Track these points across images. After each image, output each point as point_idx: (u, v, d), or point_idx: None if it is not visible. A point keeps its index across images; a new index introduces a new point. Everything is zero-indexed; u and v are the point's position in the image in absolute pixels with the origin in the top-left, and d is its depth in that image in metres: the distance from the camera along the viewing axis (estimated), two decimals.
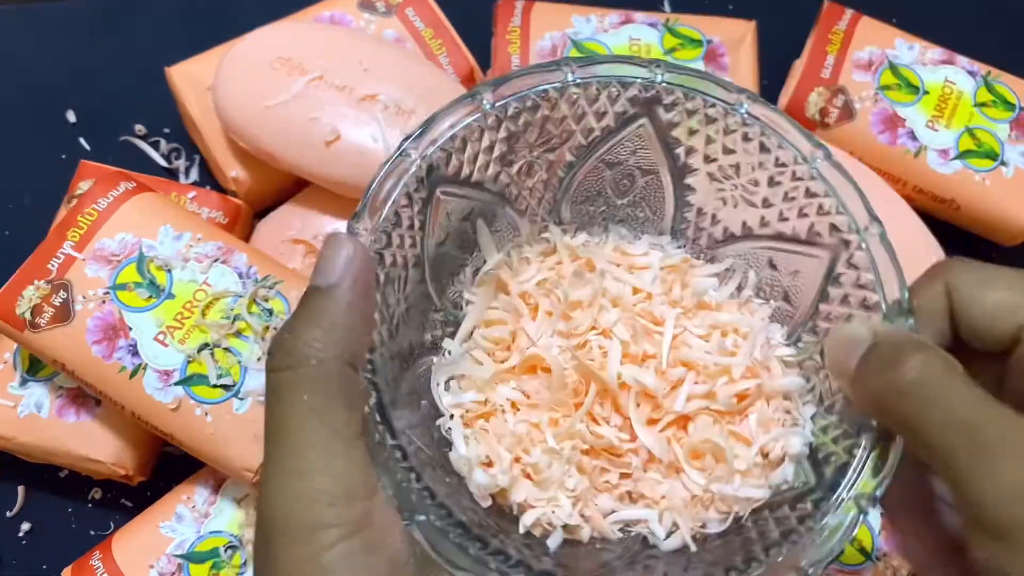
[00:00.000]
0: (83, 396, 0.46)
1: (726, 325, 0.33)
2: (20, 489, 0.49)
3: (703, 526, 0.30)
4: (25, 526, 0.48)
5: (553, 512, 0.30)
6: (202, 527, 0.45)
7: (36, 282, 0.44)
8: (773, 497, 0.30)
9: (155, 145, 0.57)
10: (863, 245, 0.29)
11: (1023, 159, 0.52)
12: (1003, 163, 0.52)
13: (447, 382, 0.33)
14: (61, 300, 0.43)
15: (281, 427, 0.25)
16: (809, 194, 0.31)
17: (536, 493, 0.30)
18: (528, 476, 0.31)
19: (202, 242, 0.45)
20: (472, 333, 0.33)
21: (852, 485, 0.27)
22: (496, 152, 0.32)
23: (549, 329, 0.32)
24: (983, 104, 0.53)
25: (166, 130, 0.57)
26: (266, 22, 0.53)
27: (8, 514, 0.49)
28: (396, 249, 0.29)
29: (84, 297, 0.43)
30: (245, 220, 0.53)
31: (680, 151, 0.33)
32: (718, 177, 0.33)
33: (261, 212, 0.54)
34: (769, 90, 0.57)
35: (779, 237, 0.32)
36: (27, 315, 0.43)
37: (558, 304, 0.32)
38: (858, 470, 0.27)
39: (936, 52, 0.55)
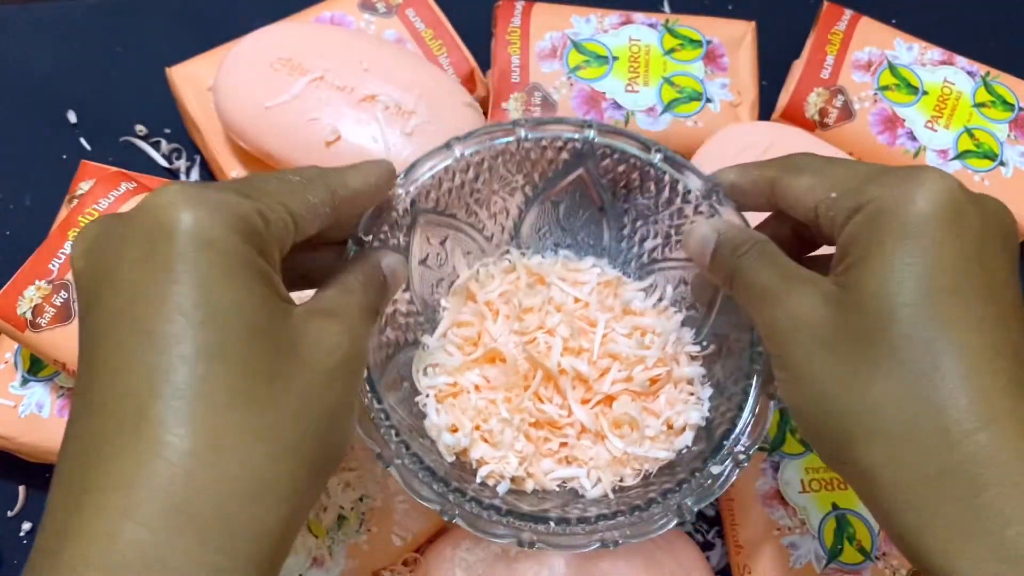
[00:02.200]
0: None
1: (646, 327, 0.42)
2: (21, 489, 0.49)
3: (621, 480, 0.40)
4: (26, 526, 0.49)
5: (504, 467, 0.39)
6: None
7: (37, 282, 0.44)
8: (676, 458, 0.40)
9: (156, 145, 0.57)
10: None
11: (1022, 159, 0.52)
12: (1002, 163, 0.52)
13: (425, 369, 0.41)
14: (62, 300, 0.43)
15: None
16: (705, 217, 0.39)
17: (491, 452, 0.39)
18: (485, 440, 0.40)
19: None
20: (446, 332, 0.42)
21: (733, 445, 0.37)
22: (467, 190, 0.40)
23: (507, 329, 0.41)
24: (982, 104, 0.53)
25: (167, 130, 0.57)
26: (266, 22, 0.53)
27: (9, 514, 0.49)
28: None
29: None
30: None
31: (611, 194, 0.42)
32: (641, 213, 0.42)
33: None
34: (769, 90, 0.57)
35: (686, 258, 0.41)
36: (28, 315, 0.43)
37: (514, 310, 0.42)
38: (738, 433, 0.37)
39: (935, 52, 0.55)
